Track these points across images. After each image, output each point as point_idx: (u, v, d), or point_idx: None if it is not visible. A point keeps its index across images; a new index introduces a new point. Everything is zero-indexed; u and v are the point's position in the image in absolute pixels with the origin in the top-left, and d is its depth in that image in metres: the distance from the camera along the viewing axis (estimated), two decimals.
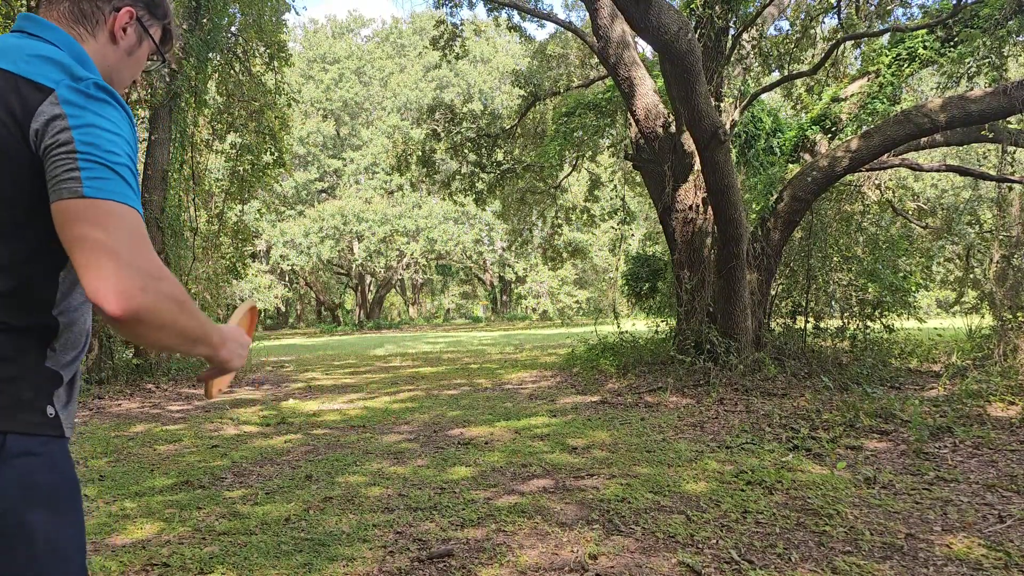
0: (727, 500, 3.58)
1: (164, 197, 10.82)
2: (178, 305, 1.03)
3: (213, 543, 3.18)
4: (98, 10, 1.20)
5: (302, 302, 46.81)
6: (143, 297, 0.97)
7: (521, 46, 31.96)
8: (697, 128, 7.14)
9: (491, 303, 47.35)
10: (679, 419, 5.94)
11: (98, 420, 7.08)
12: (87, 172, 1.00)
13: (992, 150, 18.80)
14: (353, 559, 2.94)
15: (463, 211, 34.48)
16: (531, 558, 2.91)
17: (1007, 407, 5.57)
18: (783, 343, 8.07)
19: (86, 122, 1.03)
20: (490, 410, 6.90)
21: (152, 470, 4.72)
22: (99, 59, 1.21)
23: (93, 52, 1.19)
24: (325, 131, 37.93)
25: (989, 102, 6.83)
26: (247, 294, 34.49)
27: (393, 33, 43.41)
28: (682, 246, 8.79)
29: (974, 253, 12.55)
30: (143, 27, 1.26)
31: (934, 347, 9.22)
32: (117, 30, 1.22)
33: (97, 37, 1.21)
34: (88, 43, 1.19)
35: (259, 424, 6.58)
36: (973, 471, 4.03)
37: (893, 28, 8.46)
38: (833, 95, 9.48)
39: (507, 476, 4.26)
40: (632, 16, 6.65)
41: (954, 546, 2.90)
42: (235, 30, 12.57)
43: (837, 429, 5.08)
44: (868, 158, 7.56)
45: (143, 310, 0.97)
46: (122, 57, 1.25)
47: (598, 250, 35.49)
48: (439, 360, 13.66)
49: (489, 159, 15.22)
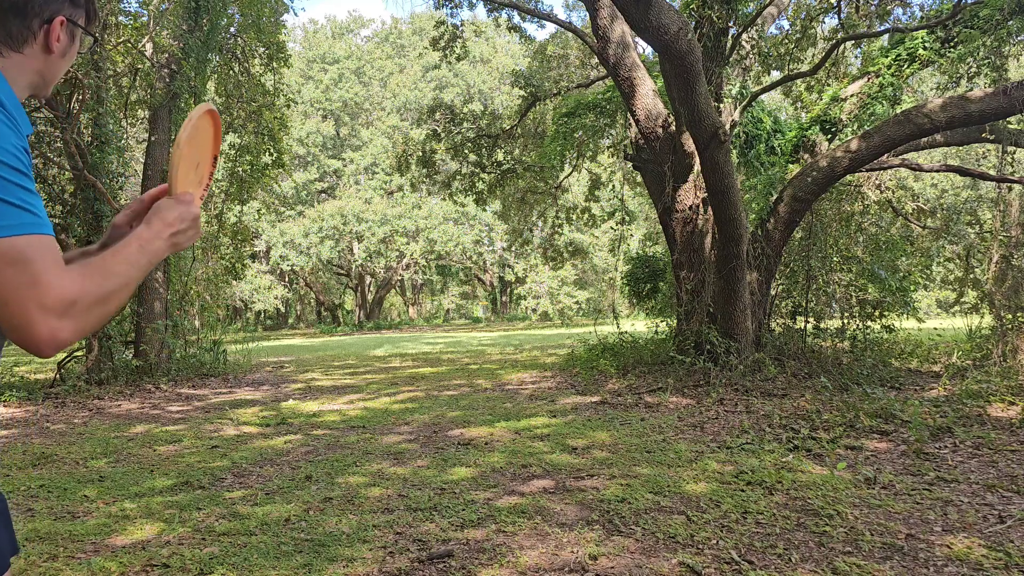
0: (727, 500, 3.58)
1: None
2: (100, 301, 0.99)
3: (213, 544, 3.18)
4: (27, 29, 1.14)
5: (302, 302, 46.81)
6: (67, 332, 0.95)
7: (521, 46, 31.97)
8: (697, 128, 7.14)
9: (491, 304, 47.35)
10: (679, 420, 5.94)
11: (98, 421, 7.08)
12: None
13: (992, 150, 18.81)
14: (353, 560, 2.94)
15: (463, 211, 34.47)
16: (531, 559, 2.91)
17: (1007, 407, 5.57)
18: (783, 343, 8.06)
19: None
20: (490, 411, 6.90)
21: (152, 471, 4.71)
22: (28, 71, 1.16)
23: (19, 66, 1.14)
24: (325, 131, 37.92)
25: (989, 102, 6.82)
26: (247, 295, 34.53)
27: (393, 34, 43.40)
28: (682, 246, 8.78)
29: (974, 253, 12.55)
30: (73, 23, 1.21)
31: (934, 347, 9.22)
32: (52, 41, 1.17)
33: (24, 51, 1.15)
34: (16, 59, 1.14)
35: (259, 425, 6.58)
36: (973, 471, 4.02)
37: (893, 28, 8.46)
38: (833, 95, 9.47)
39: (507, 477, 4.26)
40: (632, 16, 6.65)
41: (954, 546, 2.90)
42: (234, 31, 12.57)
43: (837, 429, 5.08)
44: (868, 158, 7.55)
45: (73, 338, 0.96)
46: (56, 61, 1.21)
47: (598, 250, 35.48)
48: (439, 361, 13.66)
49: (489, 159, 15.22)
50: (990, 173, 10.44)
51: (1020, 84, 6.59)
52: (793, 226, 8.04)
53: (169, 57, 10.95)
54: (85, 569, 2.90)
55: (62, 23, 1.17)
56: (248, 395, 9.01)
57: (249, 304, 36.37)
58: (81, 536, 3.32)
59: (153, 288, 10.60)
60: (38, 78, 1.19)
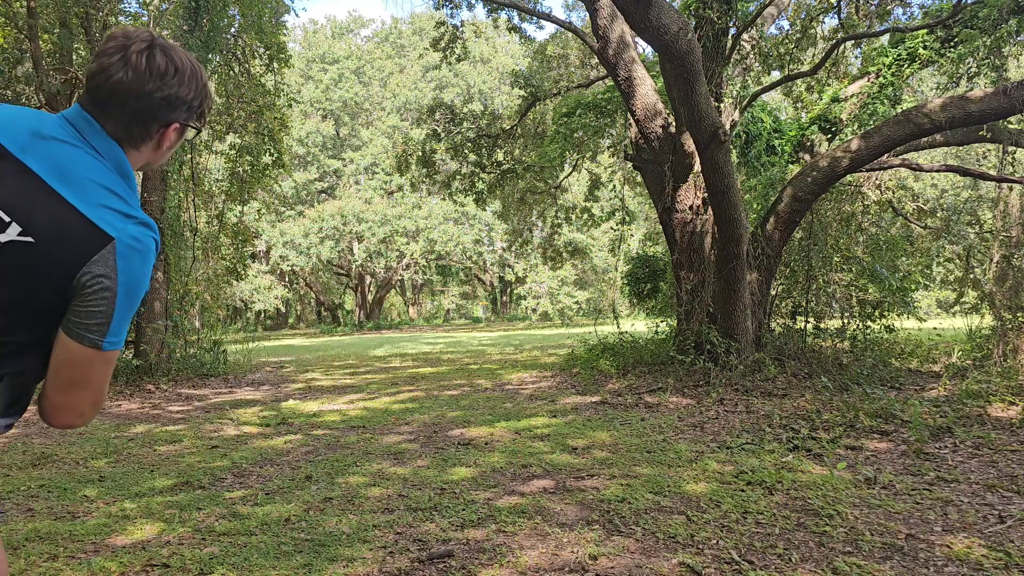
0: (727, 501, 3.58)
1: (164, 198, 10.82)
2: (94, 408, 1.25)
3: (213, 544, 3.18)
4: (146, 132, 1.27)
5: (302, 303, 46.81)
6: (82, 422, 1.24)
7: (521, 46, 31.96)
8: (697, 128, 7.14)
9: (491, 304, 47.35)
10: (679, 419, 5.94)
11: (98, 421, 7.08)
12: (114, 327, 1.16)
13: (992, 150, 18.81)
14: (353, 560, 2.94)
15: (463, 211, 34.46)
16: (531, 559, 2.91)
17: (1007, 407, 5.57)
18: (783, 343, 8.06)
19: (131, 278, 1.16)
20: (490, 411, 6.90)
21: (152, 471, 4.71)
22: (140, 162, 1.32)
23: (134, 159, 1.29)
24: (325, 131, 37.91)
25: (989, 102, 6.82)
26: (247, 295, 34.53)
27: (393, 34, 43.40)
28: (682, 246, 8.78)
29: (974, 253, 12.56)
30: (184, 125, 1.33)
31: (934, 347, 9.22)
32: (164, 141, 1.31)
33: (142, 149, 1.30)
34: (131, 154, 1.28)
35: (259, 425, 6.58)
36: (973, 471, 4.02)
37: (893, 28, 8.46)
38: (833, 95, 9.48)
39: (507, 477, 4.26)
40: (632, 16, 6.65)
41: (954, 546, 2.90)
42: (234, 31, 12.56)
43: (837, 429, 5.08)
44: (868, 158, 7.55)
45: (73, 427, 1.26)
46: (163, 153, 1.35)
47: (598, 250, 35.47)
48: (439, 361, 13.66)
49: (489, 159, 15.21)
50: (990, 173, 10.44)
51: (1020, 84, 6.59)
52: (793, 226, 8.04)
53: None
54: (85, 569, 2.90)
55: (176, 128, 1.31)
56: (248, 395, 9.01)
57: (249, 304, 36.36)
58: (81, 536, 3.32)
59: (153, 288, 10.60)
60: (146, 166, 1.36)
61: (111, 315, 1.14)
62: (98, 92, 1.22)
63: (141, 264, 1.17)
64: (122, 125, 1.23)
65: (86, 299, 1.13)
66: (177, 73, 1.25)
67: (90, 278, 1.12)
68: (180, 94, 1.26)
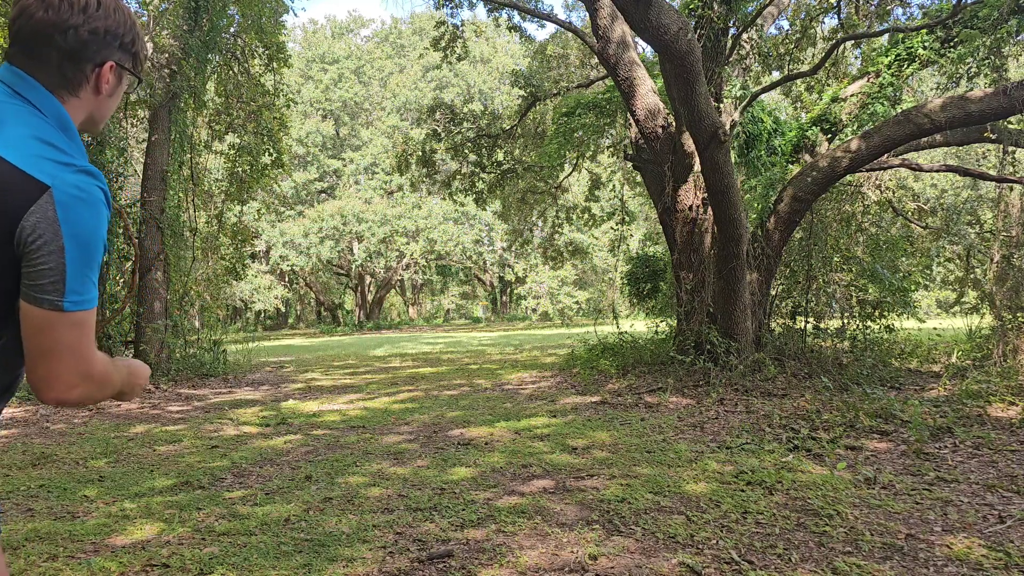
0: (727, 501, 3.58)
1: (164, 197, 10.82)
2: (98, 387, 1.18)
3: (213, 544, 3.18)
4: (80, 72, 1.24)
5: (302, 303, 46.80)
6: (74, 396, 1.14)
7: (521, 46, 31.96)
8: (697, 128, 7.14)
9: (491, 304, 47.34)
10: (679, 420, 5.94)
11: (98, 420, 7.08)
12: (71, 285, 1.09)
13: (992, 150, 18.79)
14: (353, 560, 2.94)
15: (463, 211, 34.46)
16: (531, 559, 2.91)
17: (1007, 408, 5.57)
18: (783, 343, 8.06)
19: (78, 230, 1.09)
20: (490, 411, 6.90)
21: (152, 471, 4.71)
22: (82, 112, 1.27)
23: (75, 108, 1.25)
24: (324, 131, 37.91)
25: (989, 102, 6.82)
26: (247, 295, 34.53)
27: (392, 33, 43.39)
28: (682, 246, 8.78)
29: (974, 253, 12.56)
30: (121, 67, 1.30)
31: (934, 347, 9.22)
32: (102, 84, 1.27)
33: (80, 95, 1.25)
34: (70, 103, 1.24)
35: (259, 425, 6.58)
36: (973, 471, 4.02)
37: (893, 28, 8.46)
38: (833, 95, 9.47)
39: (507, 477, 4.26)
40: (632, 16, 6.65)
41: (954, 546, 2.90)
42: (234, 31, 12.57)
43: (837, 429, 5.07)
44: (868, 158, 7.55)
45: (75, 403, 1.16)
46: (104, 100, 1.30)
47: (598, 250, 35.47)
48: (439, 361, 13.66)
49: (489, 159, 15.22)
50: (990, 173, 10.44)
51: (1020, 84, 6.59)
52: (793, 226, 8.04)
53: (169, 57, 10.94)
54: (85, 569, 2.90)
55: (111, 67, 1.27)
56: (248, 395, 9.01)
57: (249, 304, 36.36)
58: (81, 536, 3.32)
59: (153, 288, 10.60)
60: (89, 118, 1.31)
61: (63, 271, 1.07)
62: (21, 36, 1.20)
63: (90, 215, 1.11)
64: (53, 68, 1.20)
65: (31, 257, 1.07)
66: (100, 6, 1.22)
67: (30, 232, 1.06)
68: (108, 26, 1.23)
